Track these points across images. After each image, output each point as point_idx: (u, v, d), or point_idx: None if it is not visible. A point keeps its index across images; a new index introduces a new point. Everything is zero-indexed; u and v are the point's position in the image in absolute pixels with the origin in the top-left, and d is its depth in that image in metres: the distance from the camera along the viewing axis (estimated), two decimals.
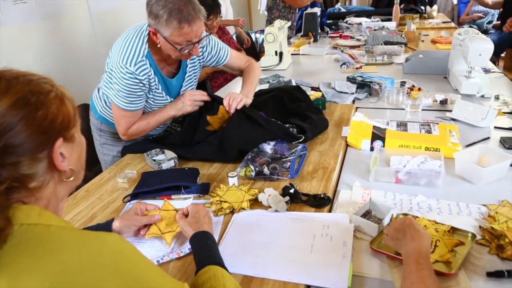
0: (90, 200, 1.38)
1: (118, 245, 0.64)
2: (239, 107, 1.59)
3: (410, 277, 0.81)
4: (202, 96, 1.65)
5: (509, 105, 1.94)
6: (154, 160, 1.55)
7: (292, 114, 1.75)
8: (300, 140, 1.58)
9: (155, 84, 1.59)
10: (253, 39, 4.71)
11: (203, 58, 1.76)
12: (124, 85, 1.52)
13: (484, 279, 0.92)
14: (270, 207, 1.20)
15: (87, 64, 2.73)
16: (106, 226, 1.09)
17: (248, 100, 1.69)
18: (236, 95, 1.62)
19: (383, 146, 1.54)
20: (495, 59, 4.50)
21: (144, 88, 1.56)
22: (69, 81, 2.54)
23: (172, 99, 1.69)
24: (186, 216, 1.08)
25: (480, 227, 1.09)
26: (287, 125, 1.64)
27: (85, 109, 1.92)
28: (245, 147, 1.51)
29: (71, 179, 0.75)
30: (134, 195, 1.35)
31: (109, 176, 1.54)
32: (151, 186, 1.36)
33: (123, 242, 0.66)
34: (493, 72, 2.54)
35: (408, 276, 0.82)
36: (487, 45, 1.97)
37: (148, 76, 1.55)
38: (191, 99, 1.62)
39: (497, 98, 2.05)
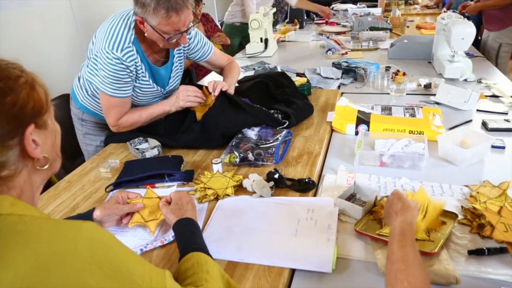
0: (72, 191, 1.35)
1: (95, 233, 0.63)
2: (224, 89, 1.57)
3: (392, 256, 0.80)
4: (196, 92, 1.60)
5: (491, 89, 1.96)
6: (138, 148, 1.53)
7: (277, 100, 1.74)
8: (285, 126, 1.57)
9: (142, 72, 1.56)
10: None
11: (188, 49, 1.73)
12: (111, 71, 1.48)
13: (465, 257, 0.93)
14: (254, 192, 1.19)
15: (68, 53, 2.66)
16: (86, 216, 1.07)
17: (230, 91, 1.67)
18: (219, 81, 1.61)
19: (368, 130, 1.54)
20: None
21: (131, 74, 1.53)
22: (49, 71, 2.48)
23: (159, 87, 1.66)
24: (169, 203, 1.07)
25: (462, 207, 1.10)
26: (272, 111, 1.63)
27: (67, 99, 1.88)
28: (228, 131, 1.50)
29: (46, 167, 0.72)
30: (117, 185, 1.33)
31: (91, 166, 1.52)
32: (134, 174, 1.34)
33: (99, 230, 0.64)
34: (476, 56, 2.57)
35: (390, 255, 0.81)
36: (469, 29, 1.98)
37: (135, 63, 1.51)
38: (185, 94, 1.58)
39: (479, 81, 2.07)
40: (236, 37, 3.66)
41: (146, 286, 0.64)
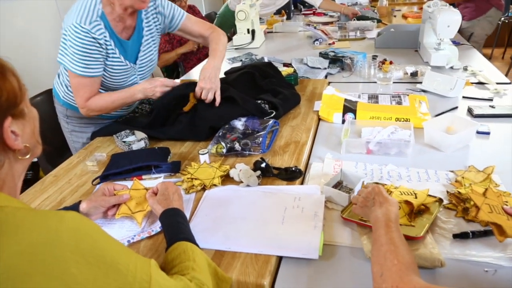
0: (59, 185, 1.34)
1: (78, 223, 0.62)
2: (215, 95, 1.56)
3: (380, 239, 0.82)
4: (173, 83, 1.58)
5: (477, 76, 1.97)
6: (124, 141, 1.52)
7: (264, 90, 1.74)
8: (272, 116, 1.57)
9: (112, 49, 1.53)
10: None
11: (158, 22, 1.68)
12: (80, 46, 1.45)
13: (450, 241, 0.94)
14: (241, 182, 1.19)
15: (52, 48, 2.62)
16: (73, 209, 1.06)
17: (218, 68, 1.65)
18: (208, 86, 1.55)
19: (355, 119, 1.54)
20: None
21: (101, 49, 1.50)
22: (33, 67, 2.45)
23: (131, 63, 1.62)
24: (156, 194, 1.06)
25: (447, 192, 1.11)
26: (259, 101, 1.62)
27: (51, 95, 1.86)
28: (217, 124, 1.49)
29: (27, 156, 0.71)
30: (104, 177, 1.32)
31: (78, 160, 1.50)
32: (121, 167, 1.33)
33: (83, 220, 0.64)
34: (462, 44, 2.58)
35: (378, 239, 0.83)
36: (455, 17, 1.99)
37: (104, 37, 1.49)
38: (163, 91, 1.56)
39: (465, 69, 2.09)
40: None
41: (131, 275, 0.64)
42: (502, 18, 5.32)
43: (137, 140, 1.51)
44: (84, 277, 0.58)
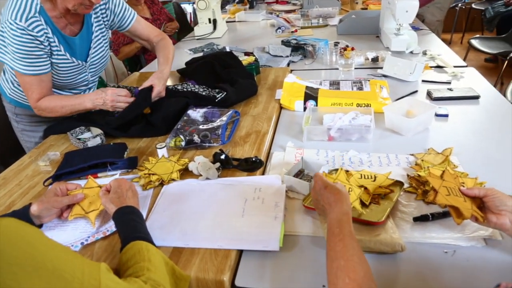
0: (8, 188, 1.26)
1: (14, 230, 0.57)
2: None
3: (330, 253, 0.76)
4: (126, 98, 1.48)
5: (435, 60, 2.00)
6: (79, 138, 1.45)
7: (223, 80, 1.70)
8: (223, 95, 1.55)
9: (56, 46, 1.44)
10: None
11: (107, 17, 1.60)
12: (18, 44, 1.35)
13: (411, 224, 0.94)
14: (201, 175, 1.15)
15: None
16: (22, 212, 1.00)
17: (165, 75, 1.59)
18: (162, 93, 1.54)
19: (316, 106, 1.53)
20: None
21: (42, 47, 1.40)
22: None
23: (79, 61, 1.54)
24: (109, 192, 1.01)
25: (408, 175, 1.11)
26: (217, 90, 1.58)
27: None
28: (171, 113, 1.48)
29: None
30: (57, 177, 1.25)
31: (29, 160, 1.42)
32: (75, 165, 1.26)
33: (20, 227, 0.59)
34: (422, 29, 2.62)
35: (329, 253, 0.77)
36: (413, 2, 2.00)
37: (46, 34, 1.39)
38: (115, 99, 1.45)
39: (424, 53, 2.11)
40: None
41: (77, 281, 0.60)
42: (460, 4, 5.46)
43: (92, 137, 1.44)
44: None
